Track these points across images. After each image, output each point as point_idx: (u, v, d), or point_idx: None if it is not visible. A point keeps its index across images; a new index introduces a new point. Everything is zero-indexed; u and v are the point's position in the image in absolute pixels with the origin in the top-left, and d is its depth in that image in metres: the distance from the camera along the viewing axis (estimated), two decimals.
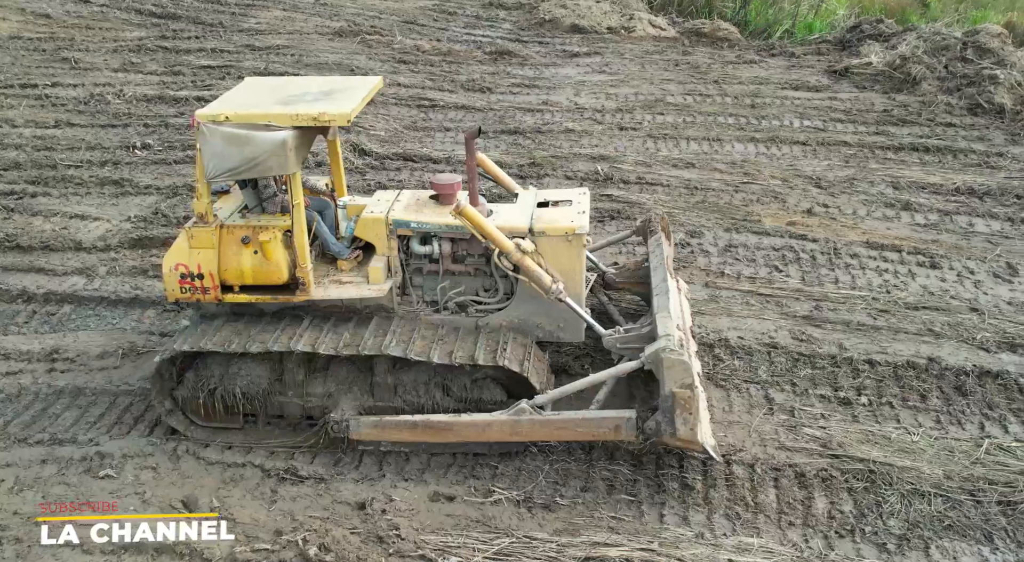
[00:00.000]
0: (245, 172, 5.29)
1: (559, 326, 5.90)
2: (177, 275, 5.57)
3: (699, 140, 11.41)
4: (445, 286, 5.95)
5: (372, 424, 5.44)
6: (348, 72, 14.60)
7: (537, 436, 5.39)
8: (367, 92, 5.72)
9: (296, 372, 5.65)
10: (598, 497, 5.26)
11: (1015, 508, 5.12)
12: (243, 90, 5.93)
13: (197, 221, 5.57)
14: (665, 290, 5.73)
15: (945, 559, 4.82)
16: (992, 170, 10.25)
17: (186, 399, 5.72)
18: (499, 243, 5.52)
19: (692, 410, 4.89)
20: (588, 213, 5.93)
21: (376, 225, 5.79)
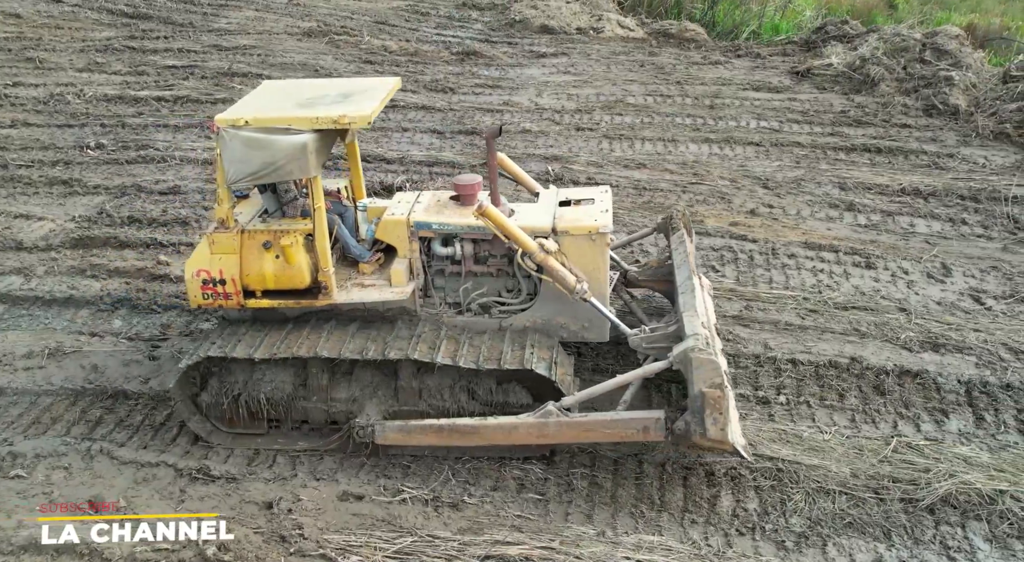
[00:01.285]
0: (266, 176, 5.27)
1: (583, 326, 5.86)
2: (199, 281, 5.54)
3: (654, 141, 11.46)
4: (468, 287, 5.91)
5: (397, 429, 5.42)
6: (312, 72, 14.61)
7: (564, 438, 5.34)
8: (386, 93, 5.68)
9: (320, 377, 5.63)
10: (507, 496, 5.30)
11: (916, 506, 5.17)
12: (261, 94, 5.88)
13: (218, 227, 5.54)
14: (691, 288, 5.68)
15: (841, 556, 4.87)
16: (941, 171, 10.31)
17: (210, 405, 5.69)
18: (522, 243, 5.47)
19: (722, 410, 4.84)
20: (611, 211, 5.87)
21: (397, 227, 5.76)
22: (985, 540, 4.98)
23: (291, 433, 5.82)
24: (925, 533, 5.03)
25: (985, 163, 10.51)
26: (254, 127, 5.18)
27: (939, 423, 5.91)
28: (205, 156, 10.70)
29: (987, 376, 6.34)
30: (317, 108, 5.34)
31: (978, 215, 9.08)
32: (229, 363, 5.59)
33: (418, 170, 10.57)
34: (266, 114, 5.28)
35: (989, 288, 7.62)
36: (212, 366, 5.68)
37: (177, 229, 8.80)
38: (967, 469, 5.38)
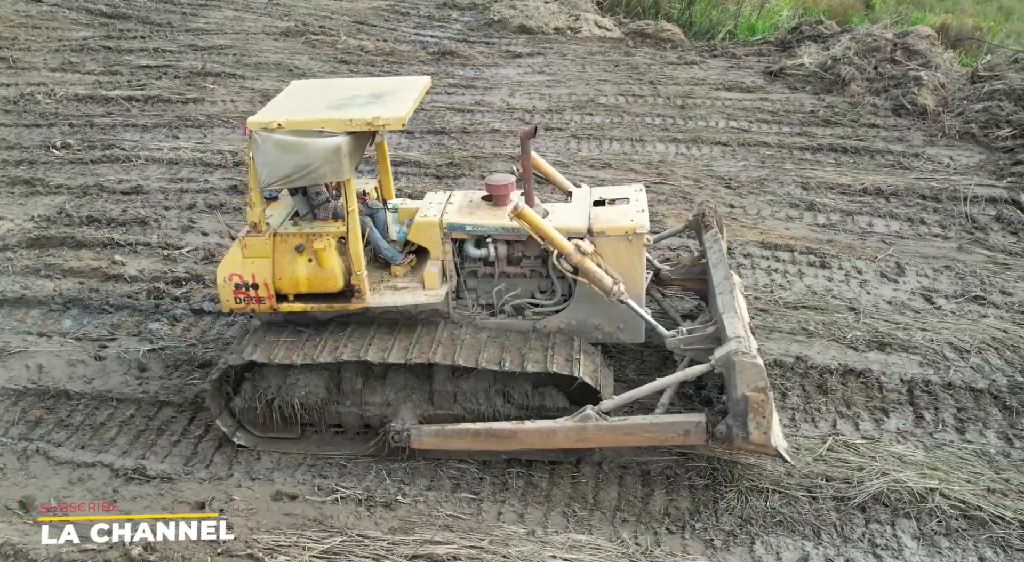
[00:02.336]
0: (299, 180, 5.21)
1: (619, 327, 5.81)
2: (231, 285, 5.51)
3: (622, 141, 11.48)
4: (501, 289, 5.87)
5: (434, 433, 5.38)
6: (287, 72, 14.61)
7: (603, 442, 5.31)
8: (418, 93, 5.63)
9: (354, 381, 5.60)
10: (441, 496, 5.31)
11: (847, 504, 5.20)
12: (291, 95, 5.82)
13: (250, 230, 5.49)
14: (729, 288, 5.60)
15: (768, 554, 4.88)
16: (904, 171, 10.34)
17: (243, 410, 5.64)
18: (558, 245, 5.42)
19: (765, 414, 4.81)
20: (647, 211, 5.80)
21: (430, 229, 5.71)
22: (913, 538, 5.01)
23: (324, 437, 5.75)
24: (854, 531, 5.05)
25: (950, 163, 10.54)
26: (287, 130, 5.12)
27: (878, 422, 5.93)
28: (171, 156, 10.70)
29: (930, 375, 6.37)
30: (349, 109, 5.28)
31: (937, 215, 9.11)
32: (262, 367, 5.55)
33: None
34: (299, 116, 5.21)
35: (941, 287, 7.65)
36: (246, 370, 5.62)
37: (136, 229, 8.79)
38: (901, 468, 5.40)
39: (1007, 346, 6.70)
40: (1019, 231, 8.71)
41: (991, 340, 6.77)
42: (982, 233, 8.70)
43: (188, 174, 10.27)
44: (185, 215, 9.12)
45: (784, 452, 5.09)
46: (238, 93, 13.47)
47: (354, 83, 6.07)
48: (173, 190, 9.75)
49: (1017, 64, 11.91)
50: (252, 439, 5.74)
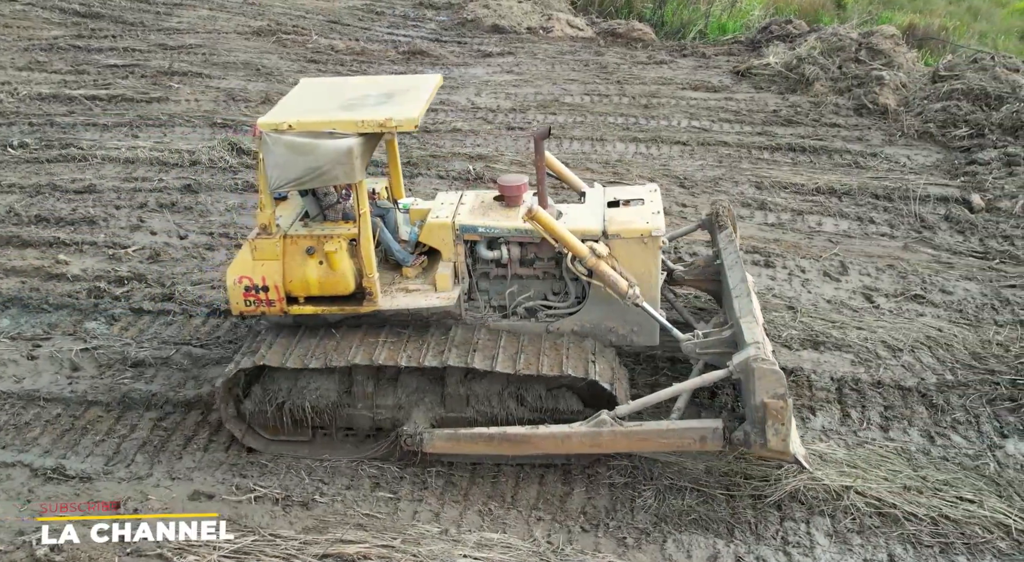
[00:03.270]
0: (310, 182, 5.15)
1: (632, 330, 5.75)
2: (241, 288, 5.44)
3: (582, 140, 11.49)
4: (513, 291, 5.82)
5: (446, 437, 5.31)
6: (254, 71, 14.60)
7: (618, 448, 5.25)
8: (429, 93, 5.55)
9: (365, 384, 5.54)
10: (359, 495, 5.31)
11: (764, 502, 5.21)
12: (300, 94, 5.74)
13: (260, 233, 5.43)
14: (746, 292, 5.53)
15: (679, 552, 4.90)
16: (860, 170, 10.37)
17: (253, 413, 5.57)
18: (573, 248, 5.37)
19: (784, 421, 4.76)
20: (662, 213, 5.74)
21: (442, 230, 5.65)
22: (826, 535, 5.02)
23: (335, 440, 5.69)
24: (768, 529, 5.06)
25: (907, 162, 10.57)
26: (297, 131, 5.05)
27: (804, 420, 5.95)
28: (128, 155, 10.66)
29: (860, 374, 6.39)
30: (361, 110, 5.20)
31: (887, 214, 9.13)
32: (273, 370, 5.50)
33: None
34: (309, 117, 5.13)
35: (882, 286, 7.67)
36: (256, 373, 5.57)
37: (84, 228, 8.76)
38: (820, 465, 5.41)
39: (940, 344, 6.73)
40: (966, 230, 8.74)
41: (925, 339, 6.80)
42: (930, 232, 8.73)
43: (144, 173, 10.24)
44: (135, 214, 9.10)
45: (802, 459, 5.04)
46: (203, 92, 13.44)
47: (365, 82, 5.99)
48: (126, 189, 9.72)
49: (976, 64, 11.95)
50: (262, 442, 5.64)
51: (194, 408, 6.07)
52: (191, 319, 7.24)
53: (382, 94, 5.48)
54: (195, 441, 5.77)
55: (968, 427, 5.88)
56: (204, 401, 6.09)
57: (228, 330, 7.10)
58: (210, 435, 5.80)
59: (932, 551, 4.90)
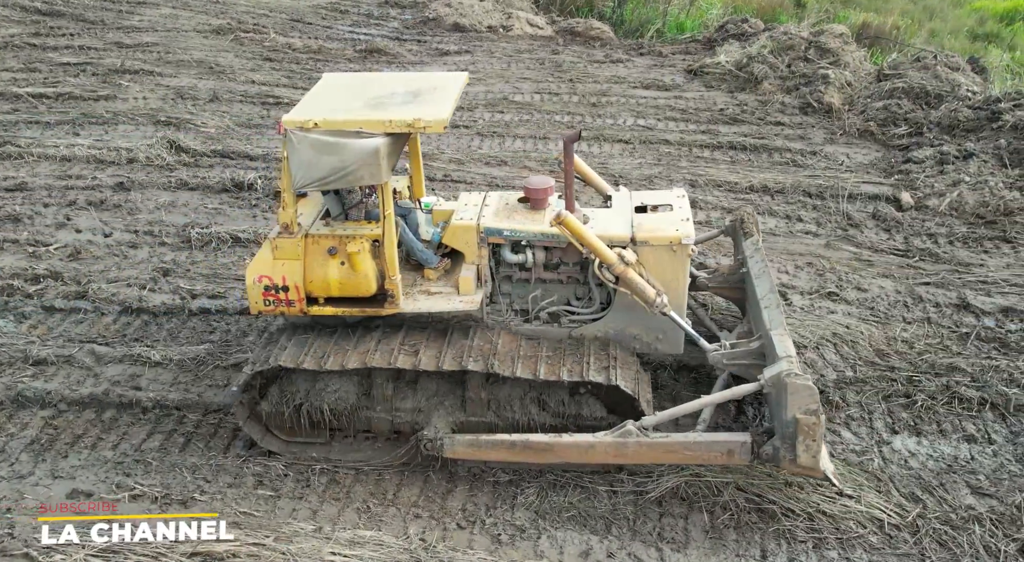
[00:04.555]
0: (335, 182, 5.06)
1: (657, 338, 5.70)
2: (261, 287, 5.34)
3: (525, 138, 11.49)
4: (537, 295, 5.76)
5: (467, 443, 5.24)
6: (207, 70, 14.54)
7: (644, 459, 5.15)
8: (457, 91, 5.46)
9: (385, 387, 5.47)
10: (240, 492, 5.29)
11: (644, 498, 5.22)
12: (325, 91, 5.63)
13: (282, 232, 5.34)
14: (775, 303, 5.44)
15: (552, 549, 4.90)
16: (798, 168, 10.40)
17: (270, 414, 5.50)
18: (601, 254, 5.32)
19: (816, 437, 4.69)
20: (691, 219, 5.69)
21: (467, 233, 5.58)
22: (703, 531, 5.03)
23: (353, 443, 5.63)
24: (646, 525, 5.07)
25: (845, 161, 10.60)
26: (323, 129, 4.97)
27: (696, 417, 5.95)
28: (65, 153, 10.60)
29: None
30: (388, 109, 5.11)
31: (815, 212, 9.16)
32: (291, 371, 5.41)
33: (278, 167, 10.50)
34: (336, 116, 5.04)
35: (799, 284, 7.69)
36: (274, 374, 5.48)
37: (8, 226, 8.71)
38: None
39: (846, 341, 6.75)
40: (892, 228, 8.78)
41: (831, 336, 6.82)
42: (856, 230, 8.76)
43: (79, 171, 10.19)
44: (63, 212, 9.06)
45: (832, 475, 5.00)
46: (152, 90, 13.38)
47: (390, 78, 5.87)
48: (58, 187, 9.67)
49: (919, 63, 12.00)
50: (280, 444, 5.57)
51: (88, 406, 6.04)
52: (103, 317, 7.21)
53: (408, 93, 5.38)
54: (84, 440, 5.75)
55: (860, 423, 5.90)
56: (99, 399, 6.06)
57: (138, 327, 7.08)
58: (100, 433, 5.77)
59: (805, 546, 4.92)
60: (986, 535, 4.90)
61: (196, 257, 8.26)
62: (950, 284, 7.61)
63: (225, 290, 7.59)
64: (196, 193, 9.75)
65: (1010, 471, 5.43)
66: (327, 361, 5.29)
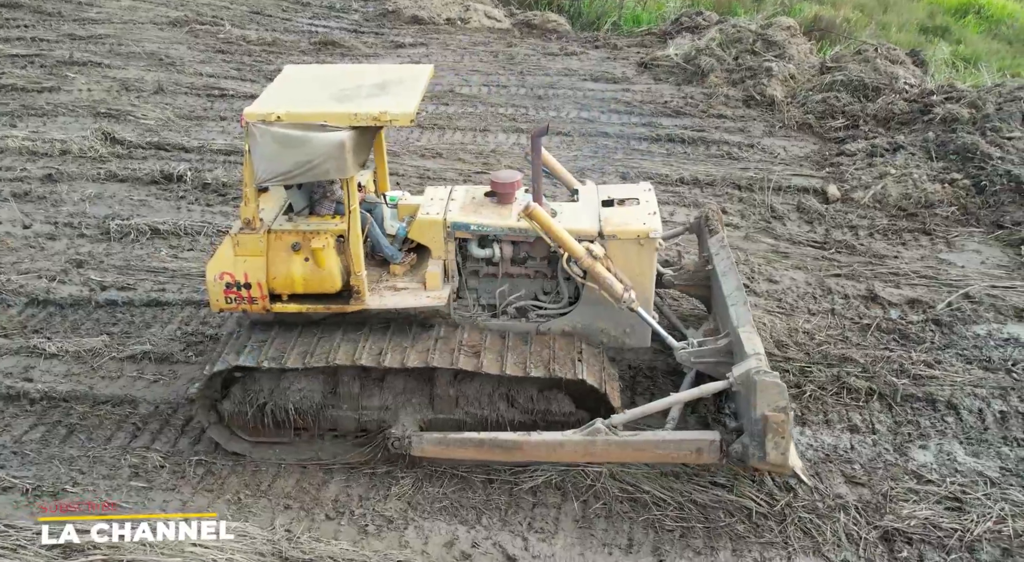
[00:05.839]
0: (299, 176, 4.96)
1: (625, 331, 5.70)
2: (222, 285, 5.24)
3: (465, 131, 11.46)
4: (504, 290, 5.73)
5: (435, 441, 5.19)
6: (157, 62, 14.44)
7: (612, 458, 5.16)
8: (423, 84, 5.38)
9: (351, 384, 5.40)
10: (114, 484, 5.28)
11: (519, 488, 5.22)
12: (288, 83, 5.50)
13: (243, 227, 5.23)
14: (742, 300, 5.46)
15: (418, 539, 4.91)
16: (732, 161, 10.39)
17: (232, 414, 5.40)
18: (570, 248, 5.30)
19: (784, 434, 4.70)
20: (658, 213, 5.68)
21: (433, 228, 5.54)
22: (573, 521, 5.04)
23: (318, 442, 5.55)
24: (518, 514, 5.08)
25: (781, 153, 10.60)
26: (287, 123, 4.86)
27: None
28: None
29: (657, 362, 6.40)
30: (354, 102, 5.03)
31: (741, 204, 9.17)
32: (253, 370, 5.33)
33: (212, 158, 10.49)
34: (300, 109, 4.93)
35: None
36: (236, 373, 5.41)
37: None
38: None
39: None
40: (814, 221, 8.79)
41: None
42: (778, 222, 8.78)
43: (10, 163, 10.11)
44: None
45: (800, 472, 5.00)
46: (98, 82, 13.28)
47: (354, 71, 5.80)
48: None
49: (860, 55, 12.00)
50: (245, 446, 5.46)
51: None
52: (8, 308, 7.16)
53: (374, 86, 5.29)
54: None
55: None
56: None
57: (42, 319, 7.05)
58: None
59: (672, 536, 4.94)
60: (850, 523, 4.93)
61: (113, 249, 8.22)
62: (861, 276, 7.63)
63: (135, 282, 7.56)
64: (124, 185, 9.70)
65: (886, 460, 5.46)
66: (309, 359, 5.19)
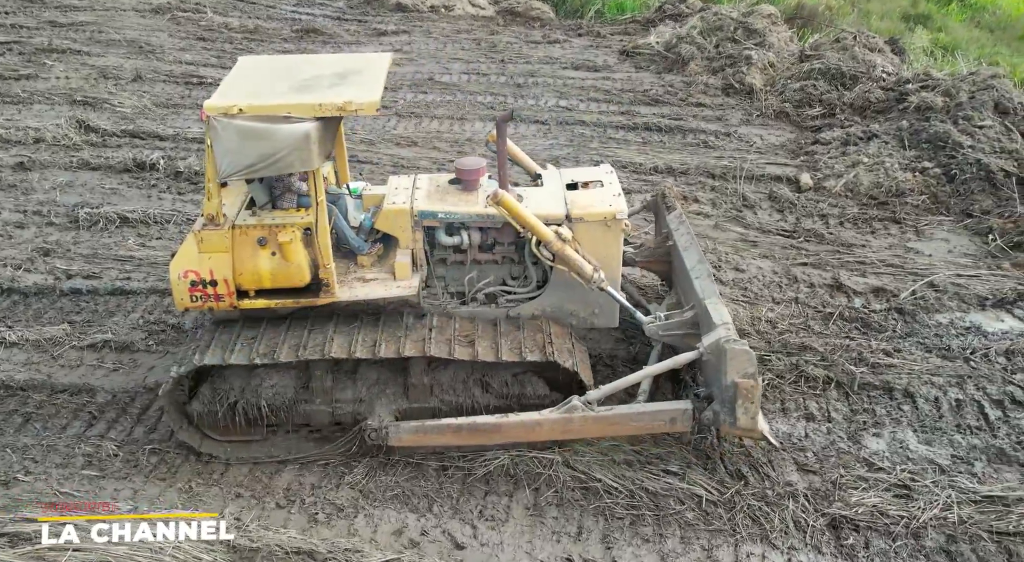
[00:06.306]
0: (264, 169, 4.89)
1: (593, 312, 5.78)
2: (187, 283, 5.14)
3: (443, 119, 11.42)
4: (473, 277, 5.74)
5: (413, 430, 5.20)
6: (137, 49, 14.35)
7: (590, 433, 5.26)
8: (383, 72, 5.31)
9: (324, 378, 5.37)
10: (66, 473, 5.30)
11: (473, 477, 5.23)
12: (245, 75, 5.40)
13: (207, 223, 5.14)
14: (706, 273, 5.57)
15: (367, 527, 4.91)
16: (708, 149, 10.36)
17: (201, 414, 5.33)
18: (539, 232, 5.32)
19: (754, 399, 4.86)
20: (623, 195, 5.73)
21: (400, 217, 5.51)
22: (525, 508, 5.06)
23: (292, 438, 5.51)
24: (470, 502, 5.10)
25: (758, 142, 10.57)
26: (250, 115, 4.77)
27: None
28: None
29: (619, 350, 6.41)
30: (317, 92, 4.96)
31: (713, 193, 9.15)
32: (223, 369, 5.28)
33: (187, 147, 10.44)
34: (262, 101, 4.85)
35: None
36: (205, 372, 5.34)
37: None
38: None
39: None
40: (785, 209, 8.78)
41: None
42: (749, 211, 8.77)
43: None
44: None
45: (768, 434, 5.12)
46: (76, 70, 13.21)
47: (311, 61, 5.77)
48: None
49: (838, 43, 11.95)
50: (220, 447, 5.39)
51: None
52: None
53: (334, 75, 5.23)
54: None
55: None
56: None
57: (5, 308, 7.03)
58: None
59: (622, 523, 4.95)
60: (798, 510, 4.95)
61: (81, 237, 8.20)
62: (827, 265, 7.63)
63: (101, 270, 7.54)
64: (97, 173, 9.66)
65: (839, 448, 5.47)
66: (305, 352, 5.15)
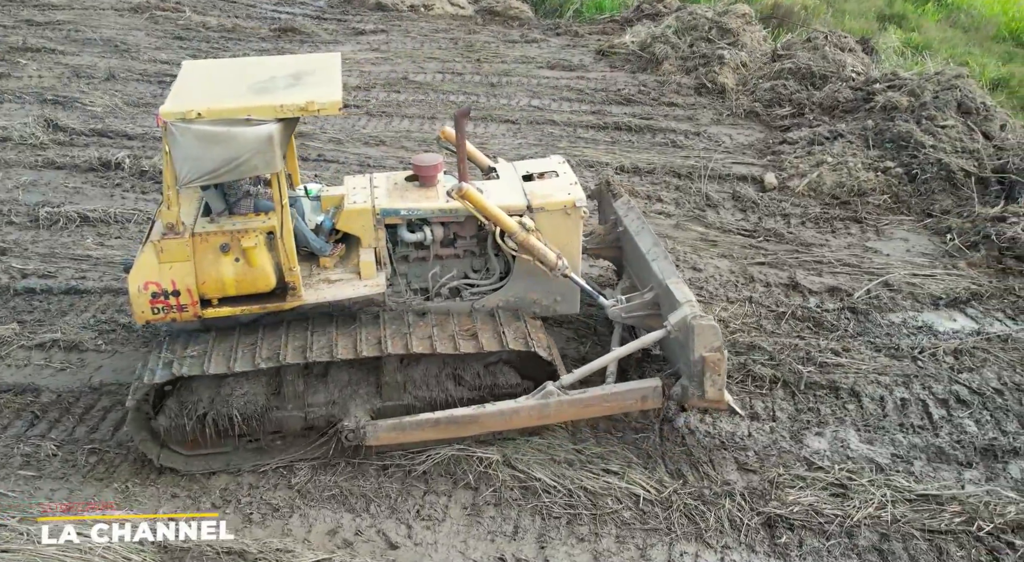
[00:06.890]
0: (226, 174, 4.78)
1: (556, 300, 5.89)
2: (147, 295, 4.99)
3: (413, 118, 11.41)
4: (436, 272, 5.78)
5: (391, 428, 5.16)
6: (113, 48, 14.32)
7: (565, 417, 5.36)
8: (338, 71, 5.28)
9: (295, 383, 5.28)
10: (3, 473, 5.26)
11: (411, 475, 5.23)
12: (194, 79, 5.29)
13: (167, 233, 5.02)
14: (662, 254, 5.73)
15: (301, 527, 4.89)
16: (676, 149, 10.37)
17: (168, 429, 5.16)
18: (504, 224, 5.37)
19: (721, 371, 5.00)
20: (579, 183, 5.85)
21: (363, 216, 5.48)
22: (463, 508, 5.05)
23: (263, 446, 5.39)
24: (407, 502, 5.09)
25: (727, 141, 10.59)
26: (208, 119, 4.66)
27: None
28: None
29: (570, 350, 6.41)
30: (275, 94, 4.89)
31: (677, 193, 9.15)
32: (190, 380, 5.14)
33: (154, 145, 10.41)
34: (221, 104, 4.74)
35: None
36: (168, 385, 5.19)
37: None
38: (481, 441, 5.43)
39: None
40: (748, 209, 8.79)
41: None
42: (712, 210, 8.77)
43: None
44: None
45: (733, 404, 5.32)
46: (50, 69, 13.17)
47: (259, 63, 5.75)
48: None
49: (810, 43, 11.97)
50: (182, 460, 5.25)
51: None
52: None
53: (288, 76, 5.17)
54: None
55: None
56: None
57: None
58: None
59: (559, 523, 4.95)
60: (734, 509, 4.95)
61: (40, 236, 8.17)
62: (785, 264, 7.64)
63: (56, 270, 7.52)
64: (61, 172, 9.64)
65: (780, 447, 5.48)
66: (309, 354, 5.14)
